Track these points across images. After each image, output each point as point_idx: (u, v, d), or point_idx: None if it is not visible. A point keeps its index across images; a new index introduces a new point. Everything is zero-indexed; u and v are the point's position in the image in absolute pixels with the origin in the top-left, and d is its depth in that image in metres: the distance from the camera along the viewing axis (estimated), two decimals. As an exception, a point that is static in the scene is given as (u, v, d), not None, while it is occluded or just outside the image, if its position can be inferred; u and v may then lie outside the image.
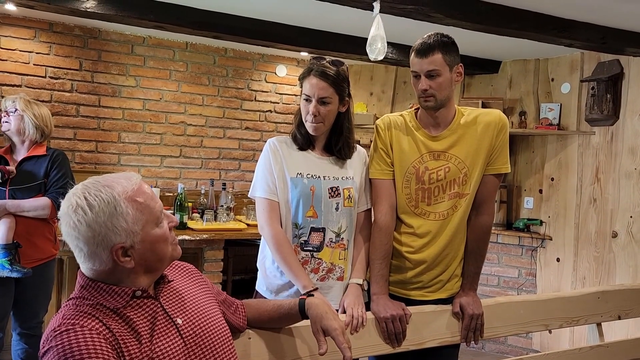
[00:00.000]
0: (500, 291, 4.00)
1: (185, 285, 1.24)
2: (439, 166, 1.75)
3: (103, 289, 1.07)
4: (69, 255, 3.11)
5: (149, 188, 1.14)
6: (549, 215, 3.89)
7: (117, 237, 1.05)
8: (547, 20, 2.83)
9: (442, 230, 1.77)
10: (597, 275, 3.59)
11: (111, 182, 1.08)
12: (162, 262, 1.14)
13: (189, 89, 4.02)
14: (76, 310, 1.04)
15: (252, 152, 4.27)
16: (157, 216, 1.12)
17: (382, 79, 4.41)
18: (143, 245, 1.08)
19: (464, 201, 1.76)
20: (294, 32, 3.44)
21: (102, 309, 1.05)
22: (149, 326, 1.08)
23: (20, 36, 3.48)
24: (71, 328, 0.99)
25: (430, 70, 1.68)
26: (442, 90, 1.70)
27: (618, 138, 3.52)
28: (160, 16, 3.05)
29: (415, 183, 1.77)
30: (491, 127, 1.75)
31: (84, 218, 1.03)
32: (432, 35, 1.70)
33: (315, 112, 1.67)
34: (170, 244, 1.15)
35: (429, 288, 1.82)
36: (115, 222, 1.05)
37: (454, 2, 2.58)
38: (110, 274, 1.08)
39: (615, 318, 2.10)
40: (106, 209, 1.04)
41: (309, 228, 1.70)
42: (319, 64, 1.68)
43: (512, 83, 4.08)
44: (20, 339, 2.59)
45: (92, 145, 3.73)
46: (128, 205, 1.06)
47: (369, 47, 2.44)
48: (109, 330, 1.02)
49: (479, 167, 1.76)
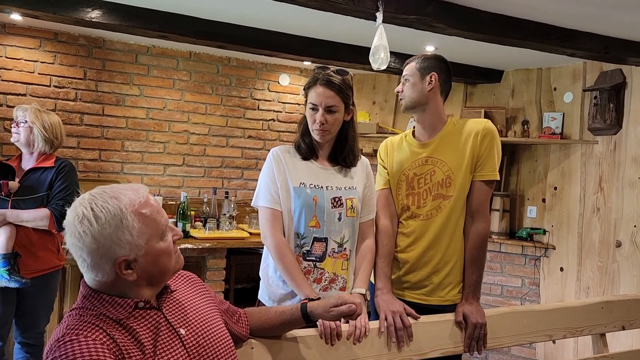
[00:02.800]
0: (503, 301, 3.98)
1: (188, 295, 1.24)
2: (426, 171, 1.89)
3: (106, 300, 1.07)
4: (72, 264, 3.10)
5: (155, 201, 1.13)
6: (552, 224, 3.87)
7: (121, 250, 1.05)
8: (550, 30, 2.84)
9: (425, 231, 1.87)
10: (600, 285, 3.57)
11: (118, 193, 1.08)
12: (164, 275, 1.14)
13: (193, 97, 4.04)
14: (80, 320, 1.04)
15: (255, 160, 4.28)
16: (163, 230, 1.11)
17: (384, 88, 4.43)
18: (146, 259, 1.08)
19: (448, 203, 1.85)
20: (297, 42, 3.45)
21: (105, 319, 1.05)
22: (152, 337, 1.08)
23: (26, 46, 3.50)
24: (75, 338, 0.98)
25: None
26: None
27: (621, 147, 3.51)
28: (165, 26, 3.08)
29: (406, 189, 1.91)
30: (474, 134, 1.86)
31: (89, 229, 1.03)
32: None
33: (323, 121, 1.69)
34: (173, 257, 1.14)
35: (420, 290, 1.88)
36: (121, 235, 1.04)
37: (457, 12, 2.59)
38: (112, 285, 1.08)
39: (619, 328, 2.09)
40: (112, 221, 1.04)
41: (312, 238, 1.71)
42: (325, 73, 1.71)
43: (514, 92, 4.09)
44: (22, 348, 2.59)
45: (95, 153, 3.74)
46: (134, 219, 1.06)
47: (371, 57, 2.45)
48: (113, 341, 1.01)
49: (463, 171, 1.85)
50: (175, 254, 1.15)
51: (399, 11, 2.42)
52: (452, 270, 1.87)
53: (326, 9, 2.38)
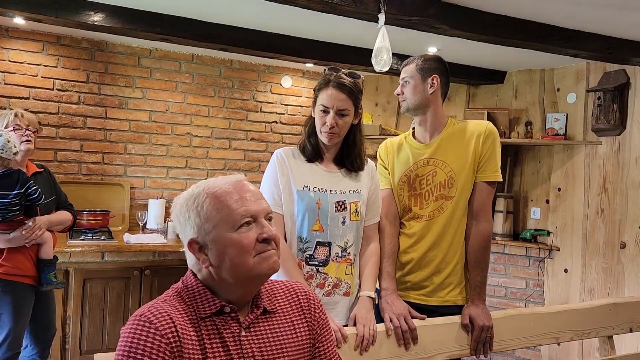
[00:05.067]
0: (507, 302, 3.96)
1: (283, 327, 1.14)
2: (427, 172, 1.89)
3: (199, 293, 1.07)
4: (75, 266, 3.10)
5: (246, 191, 1.08)
6: (556, 225, 3.86)
7: (192, 231, 1.06)
8: (553, 31, 2.83)
9: (428, 231, 1.87)
10: (605, 287, 3.56)
11: (215, 179, 1.11)
12: (241, 273, 1.06)
13: (195, 100, 4.04)
14: (164, 304, 1.04)
15: (258, 162, 4.28)
16: (235, 219, 1.05)
17: (387, 90, 4.42)
18: (216, 247, 1.05)
19: (450, 204, 1.85)
20: (299, 44, 3.45)
21: (188, 311, 1.05)
22: (218, 352, 1.04)
23: (29, 49, 3.51)
24: (142, 325, 0.99)
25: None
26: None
27: (625, 148, 3.50)
28: (167, 29, 3.08)
29: (408, 190, 1.91)
30: (476, 135, 1.86)
31: (176, 206, 1.10)
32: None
33: (333, 124, 1.66)
34: (253, 257, 1.06)
35: (420, 290, 1.88)
36: (192, 215, 1.06)
37: (459, 14, 2.59)
38: (198, 271, 1.09)
39: (626, 331, 2.07)
40: (188, 200, 1.08)
41: (315, 242, 1.68)
42: (336, 75, 1.68)
43: (517, 93, 4.08)
44: (31, 355, 2.59)
45: (98, 156, 3.74)
46: (205, 201, 1.06)
47: (374, 59, 2.44)
48: (178, 338, 1.00)
49: (465, 171, 1.85)
50: (259, 254, 1.06)
51: (401, 13, 2.42)
52: (454, 270, 1.87)
53: (328, 11, 2.37)
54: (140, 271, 3.24)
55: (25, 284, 2.42)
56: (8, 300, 2.37)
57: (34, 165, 2.60)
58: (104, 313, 3.20)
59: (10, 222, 2.35)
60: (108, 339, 3.20)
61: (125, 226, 3.75)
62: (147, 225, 3.67)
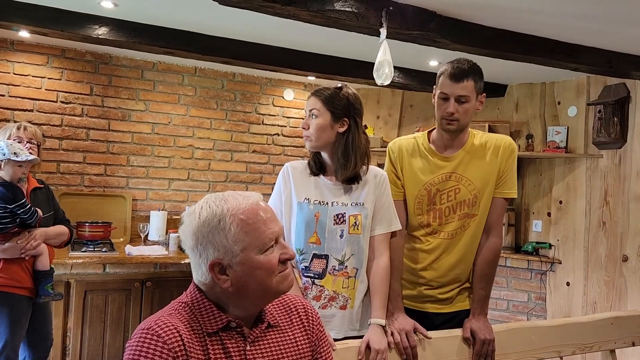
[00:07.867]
0: (509, 315, 3.94)
1: (285, 341, 1.16)
2: (449, 187, 1.82)
3: (205, 308, 1.07)
4: (76, 278, 3.10)
5: (267, 212, 1.09)
6: (557, 238, 3.85)
7: (215, 252, 1.04)
8: (553, 45, 2.85)
9: (452, 249, 1.83)
10: (608, 300, 3.54)
11: (229, 197, 1.08)
12: (263, 292, 1.08)
13: (198, 113, 4.06)
14: (170, 317, 1.04)
15: (260, 175, 4.29)
16: (264, 242, 1.06)
17: (388, 103, 4.44)
18: (242, 269, 1.05)
19: (473, 222, 1.82)
20: (301, 58, 3.48)
21: (194, 325, 1.05)
22: None
23: (33, 62, 3.54)
24: (150, 338, 0.99)
25: (461, 95, 1.75)
26: (467, 117, 1.78)
27: (626, 161, 3.50)
28: (170, 42, 3.11)
29: (427, 204, 1.84)
30: (501, 151, 1.82)
31: (191, 224, 1.06)
32: (465, 61, 1.79)
33: (305, 125, 1.71)
34: (275, 276, 1.08)
35: (443, 302, 1.87)
36: (217, 236, 1.04)
37: (460, 28, 2.61)
38: (211, 289, 1.08)
39: (629, 344, 2.06)
40: (211, 221, 1.05)
41: (311, 254, 1.68)
42: (319, 89, 1.74)
43: (518, 106, 4.10)
44: None
45: (101, 168, 3.76)
46: (232, 223, 1.04)
47: (376, 72, 2.46)
48: (185, 352, 1.00)
49: (489, 189, 1.81)
50: (279, 273, 1.08)
51: (403, 27, 2.44)
52: (468, 279, 1.89)
53: (330, 25, 2.40)
54: (141, 283, 3.24)
55: (22, 296, 2.41)
56: (4, 312, 2.36)
57: (34, 180, 2.60)
58: (105, 325, 3.19)
59: (6, 234, 2.36)
60: (108, 350, 3.18)
61: (127, 238, 3.75)
62: (148, 237, 3.67)
